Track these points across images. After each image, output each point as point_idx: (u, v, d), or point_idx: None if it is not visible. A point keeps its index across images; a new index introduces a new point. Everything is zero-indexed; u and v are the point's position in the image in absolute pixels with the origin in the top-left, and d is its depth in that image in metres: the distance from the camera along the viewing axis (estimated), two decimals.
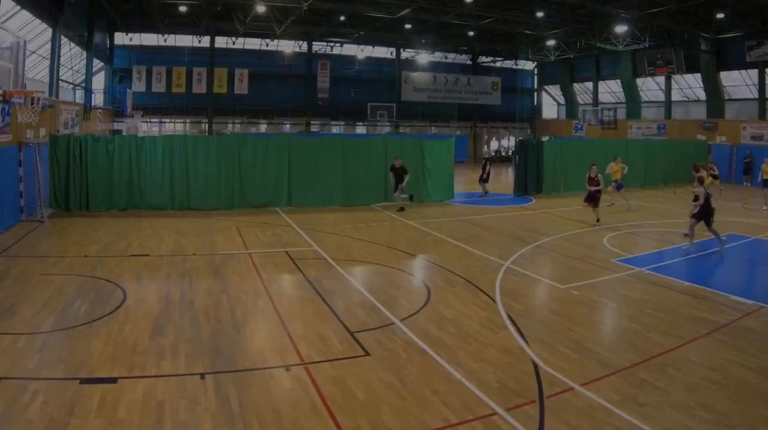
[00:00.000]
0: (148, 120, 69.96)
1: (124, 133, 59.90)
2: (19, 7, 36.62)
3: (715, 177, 41.24)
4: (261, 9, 54.52)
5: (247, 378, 12.16)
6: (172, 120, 72.74)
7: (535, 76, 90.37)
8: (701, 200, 24.50)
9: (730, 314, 16.85)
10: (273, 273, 20.80)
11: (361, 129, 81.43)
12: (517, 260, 22.89)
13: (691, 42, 61.29)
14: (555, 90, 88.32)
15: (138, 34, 68.95)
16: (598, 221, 30.19)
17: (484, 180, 42.11)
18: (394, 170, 33.97)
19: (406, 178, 33.64)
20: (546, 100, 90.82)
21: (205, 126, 73.96)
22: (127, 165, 32.27)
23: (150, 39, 69.76)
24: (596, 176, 30.57)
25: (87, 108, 51.68)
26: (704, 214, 24.51)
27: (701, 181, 25.84)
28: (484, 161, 44.11)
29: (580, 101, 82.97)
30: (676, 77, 67.70)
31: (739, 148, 57.75)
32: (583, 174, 33.95)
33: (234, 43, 72.63)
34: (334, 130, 79.27)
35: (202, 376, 12.18)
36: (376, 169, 36.52)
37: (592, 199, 30.39)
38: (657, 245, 26.51)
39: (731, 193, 45.78)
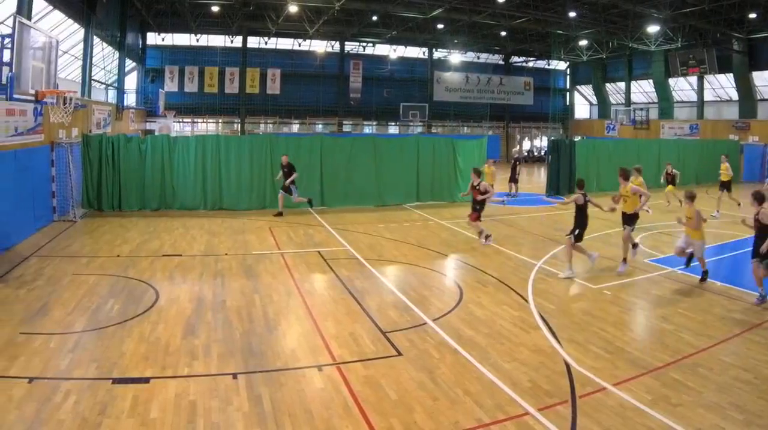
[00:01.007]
0: (181, 120, 70.61)
1: (156, 134, 59.97)
2: (51, 8, 36.87)
3: (673, 181, 38.00)
4: (293, 9, 54.73)
5: (279, 378, 12.18)
6: (205, 120, 73.26)
7: (568, 76, 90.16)
8: (569, 201, 22.65)
9: (762, 314, 16.77)
10: (305, 273, 20.82)
11: (393, 129, 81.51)
12: (549, 260, 22.91)
13: (724, 42, 60.90)
14: (587, 90, 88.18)
15: (170, 34, 69.37)
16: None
17: (513, 180, 42.19)
18: (282, 169, 31.84)
19: (294, 176, 31.57)
20: (578, 100, 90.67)
21: (237, 126, 74.35)
22: (159, 165, 32.39)
23: (182, 39, 70.24)
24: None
25: (119, 108, 52.04)
26: (579, 225, 21.33)
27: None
28: (514, 161, 44.00)
29: (613, 101, 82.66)
30: (709, 77, 67.28)
31: None
32: (614, 174, 34.04)
33: (266, 43, 72.97)
34: (367, 130, 79.32)
35: (235, 376, 12.21)
36: (408, 169, 36.47)
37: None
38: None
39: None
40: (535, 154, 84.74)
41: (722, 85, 67.57)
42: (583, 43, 69.73)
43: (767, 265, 17.08)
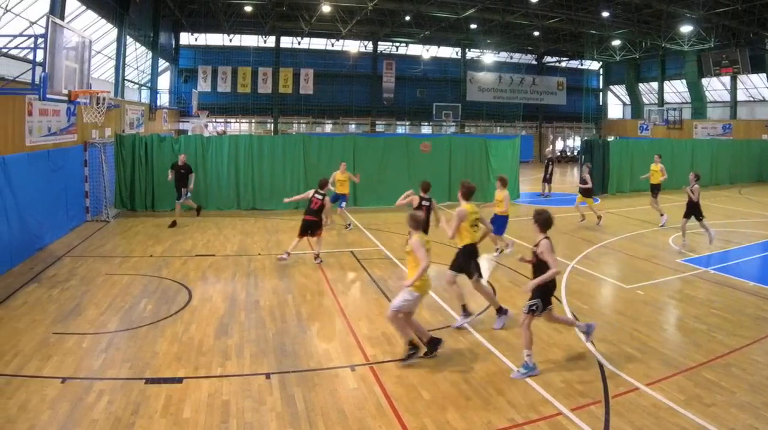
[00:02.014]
0: (214, 120, 70.72)
1: (189, 133, 60.23)
2: (84, 8, 37.14)
3: (587, 193, 31.26)
4: (326, 9, 54.78)
5: (312, 378, 12.25)
6: (238, 120, 73.53)
7: (601, 76, 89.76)
8: (403, 201, 20.52)
9: None
10: (338, 273, 20.89)
11: (426, 129, 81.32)
12: (582, 260, 22.88)
13: (757, 42, 60.47)
14: (620, 90, 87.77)
15: (203, 34, 69.79)
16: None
17: (546, 180, 42.12)
18: (176, 169, 28.84)
19: (191, 178, 29.29)
20: (611, 100, 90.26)
21: (270, 126, 74.56)
22: (192, 165, 31.74)
23: (215, 39, 70.62)
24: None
25: (152, 108, 52.10)
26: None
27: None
28: (546, 161, 43.91)
29: (646, 101, 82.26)
30: (742, 77, 66.96)
31: None
32: (648, 174, 33.92)
33: (299, 43, 72.98)
34: (400, 130, 79.26)
35: (268, 376, 12.28)
36: (441, 169, 36.40)
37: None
38: (722, 245, 26.10)
39: None
40: (568, 154, 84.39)
41: (755, 85, 67.24)
42: (616, 43, 69.57)
43: None
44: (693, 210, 23.65)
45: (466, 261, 15.50)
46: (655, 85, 79.46)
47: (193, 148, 32.83)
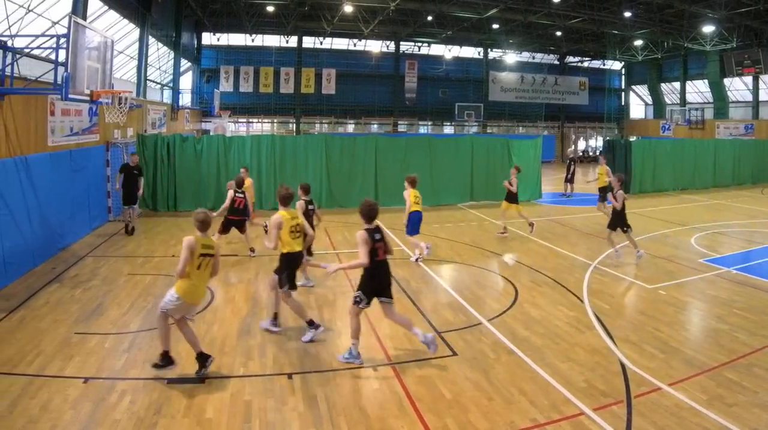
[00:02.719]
0: (236, 120, 71.10)
1: (211, 133, 60.60)
2: (106, 8, 37.27)
3: (513, 199, 27.31)
4: (348, 9, 54.83)
5: (334, 378, 12.27)
6: (260, 120, 73.60)
7: (623, 76, 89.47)
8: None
9: None
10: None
11: (448, 129, 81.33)
12: (604, 260, 22.85)
13: None
14: (642, 90, 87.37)
15: (225, 34, 69.89)
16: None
17: (568, 180, 42.07)
18: (127, 171, 26.45)
19: (141, 182, 27.18)
20: (633, 100, 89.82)
21: (292, 126, 74.62)
22: (214, 165, 32.61)
23: (237, 39, 70.67)
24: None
25: (174, 108, 52.32)
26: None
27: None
28: (568, 161, 43.89)
29: (668, 101, 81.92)
30: (764, 77, 66.62)
31: None
32: (670, 174, 33.97)
33: (321, 43, 73.00)
34: (422, 130, 79.23)
35: (290, 376, 12.33)
36: (463, 168, 36.43)
37: None
38: (744, 245, 26.15)
39: None
40: (590, 154, 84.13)
41: None
42: (639, 43, 69.44)
43: None
44: (617, 220, 22.36)
45: (280, 269, 14.72)
46: (677, 85, 79.11)
47: (215, 148, 32.93)
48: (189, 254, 11.85)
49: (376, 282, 13.38)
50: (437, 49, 77.95)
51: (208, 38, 70.06)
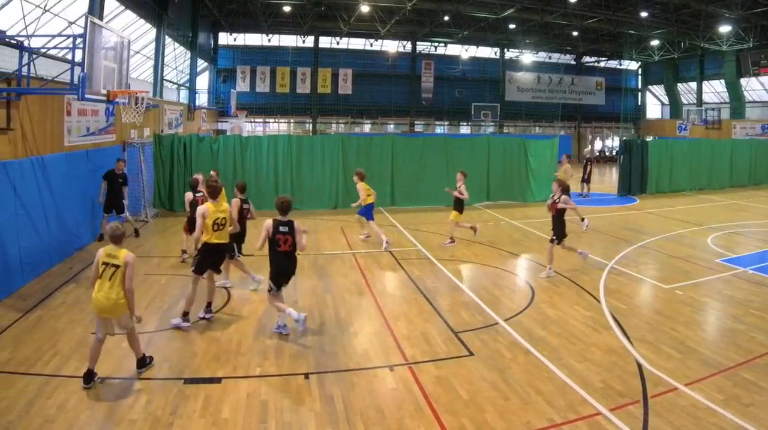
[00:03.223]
0: (252, 120, 71.35)
1: (228, 133, 60.14)
2: (123, 8, 37.44)
3: (459, 207, 25.35)
4: (365, 9, 54.89)
5: (351, 378, 12.29)
6: (276, 120, 73.79)
7: (639, 76, 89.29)
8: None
9: None
10: (377, 273, 20.93)
11: (465, 129, 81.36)
12: (620, 260, 22.79)
13: None
14: (659, 90, 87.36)
15: (242, 35, 70.21)
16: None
17: (585, 180, 41.81)
18: (113, 179, 24.76)
19: (126, 191, 25.83)
20: (650, 100, 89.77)
21: (309, 126, 74.77)
22: (231, 165, 32.54)
23: (254, 39, 70.97)
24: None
25: (191, 108, 52.43)
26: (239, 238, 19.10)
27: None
28: (585, 162, 43.59)
29: (684, 101, 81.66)
30: None
31: None
32: (688, 175, 33.87)
33: (338, 43, 73.16)
34: (438, 130, 79.22)
35: (306, 376, 12.33)
36: (480, 168, 36.25)
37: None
38: (761, 245, 26.03)
39: None
40: (607, 154, 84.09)
41: None
42: (655, 43, 69.27)
43: None
44: (555, 226, 21.25)
45: (198, 258, 15.44)
46: (693, 85, 78.85)
47: (232, 148, 32.88)
48: (95, 263, 12.00)
49: (275, 270, 14.68)
50: (454, 49, 77.89)
51: (224, 38, 70.31)
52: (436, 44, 76.29)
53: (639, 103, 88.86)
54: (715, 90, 76.38)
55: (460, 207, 24.92)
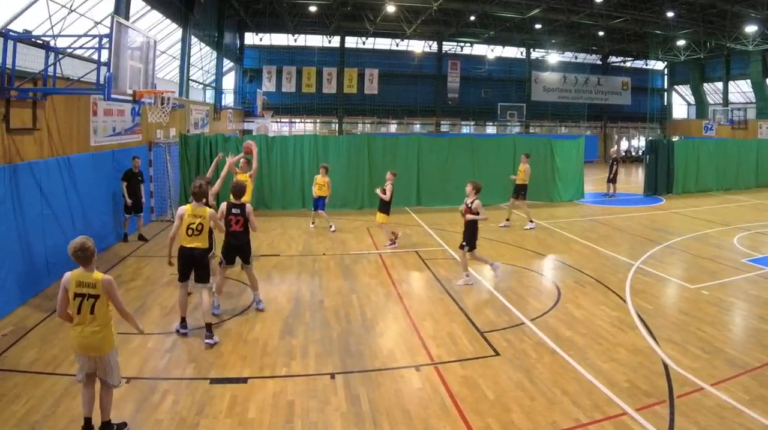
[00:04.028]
0: (278, 120, 71.37)
1: (254, 133, 60.97)
2: (149, 8, 37.51)
3: (384, 208, 24.35)
4: (391, 9, 54.86)
5: (377, 378, 12.31)
6: (302, 120, 73.89)
7: (665, 76, 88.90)
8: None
9: None
10: (403, 273, 20.95)
11: (491, 129, 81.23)
12: (647, 260, 22.70)
13: None
14: (685, 90, 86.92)
15: (268, 35, 70.12)
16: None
17: (611, 180, 41.65)
18: (132, 177, 24.66)
19: (142, 189, 25.47)
20: (676, 100, 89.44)
21: (335, 126, 74.83)
22: (257, 165, 32.34)
23: (280, 39, 70.94)
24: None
25: (217, 108, 52.62)
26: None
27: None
28: (611, 161, 43.33)
29: (710, 101, 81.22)
30: None
31: None
32: (715, 175, 33.78)
33: (364, 43, 73.27)
34: (465, 130, 79.15)
35: (332, 376, 12.36)
36: (505, 169, 35.64)
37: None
38: None
39: None
40: (633, 154, 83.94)
41: None
42: (681, 43, 68.81)
43: None
44: (466, 231, 20.35)
45: (178, 264, 15.07)
46: (719, 85, 78.44)
47: (258, 148, 32.30)
48: (62, 293, 10.10)
49: (224, 245, 16.44)
50: (480, 49, 77.73)
51: (250, 38, 70.38)
52: (462, 44, 76.15)
53: (665, 103, 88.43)
54: (741, 90, 75.94)
55: (385, 209, 24.28)
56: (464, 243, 19.53)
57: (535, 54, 79.82)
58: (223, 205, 16.54)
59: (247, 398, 11.28)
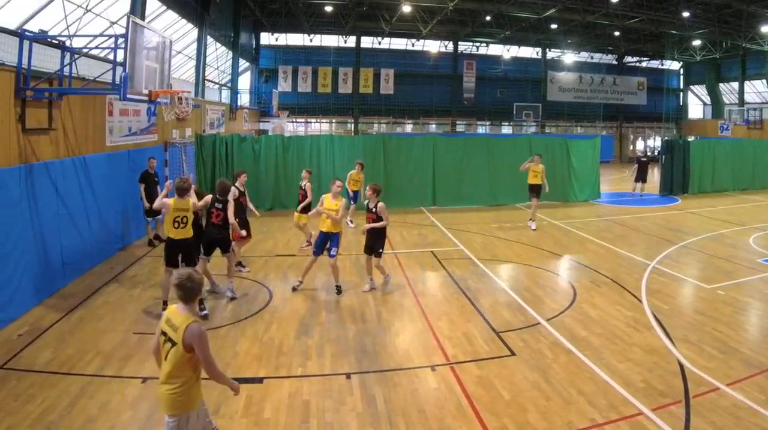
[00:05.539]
0: (294, 120, 71.41)
1: (269, 133, 60.73)
2: (165, 8, 37.65)
3: (305, 208, 24.25)
4: (407, 9, 54.71)
5: (392, 378, 12.32)
6: (318, 120, 73.85)
7: (681, 76, 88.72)
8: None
9: None
10: (418, 273, 20.98)
11: (506, 129, 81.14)
12: (662, 260, 22.65)
13: None
14: (701, 90, 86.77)
15: (284, 35, 70.20)
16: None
17: (639, 179, 41.47)
18: (148, 178, 24.03)
19: (158, 190, 23.45)
20: (692, 100, 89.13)
21: (350, 126, 74.85)
22: (273, 165, 32.71)
23: (296, 39, 70.99)
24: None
25: (233, 108, 52.53)
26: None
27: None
28: (638, 160, 43.32)
29: (726, 101, 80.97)
30: None
31: None
32: (731, 175, 33.71)
33: (380, 43, 73.11)
34: (480, 130, 79.12)
35: (348, 376, 12.38)
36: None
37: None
38: None
39: None
40: (648, 154, 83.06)
41: None
42: (697, 43, 68.68)
43: None
44: (372, 237, 20.35)
45: (165, 252, 16.07)
46: (735, 85, 78.16)
47: (274, 148, 32.97)
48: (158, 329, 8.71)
49: (204, 237, 17.43)
50: (495, 49, 77.66)
51: (266, 38, 70.42)
52: (477, 44, 76.11)
53: (681, 103, 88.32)
54: (757, 90, 75.72)
55: (305, 208, 23.68)
56: (381, 250, 18.94)
57: (551, 54, 79.84)
58: (209, 197, 17.28)
59: (263, 398, 11.30)
